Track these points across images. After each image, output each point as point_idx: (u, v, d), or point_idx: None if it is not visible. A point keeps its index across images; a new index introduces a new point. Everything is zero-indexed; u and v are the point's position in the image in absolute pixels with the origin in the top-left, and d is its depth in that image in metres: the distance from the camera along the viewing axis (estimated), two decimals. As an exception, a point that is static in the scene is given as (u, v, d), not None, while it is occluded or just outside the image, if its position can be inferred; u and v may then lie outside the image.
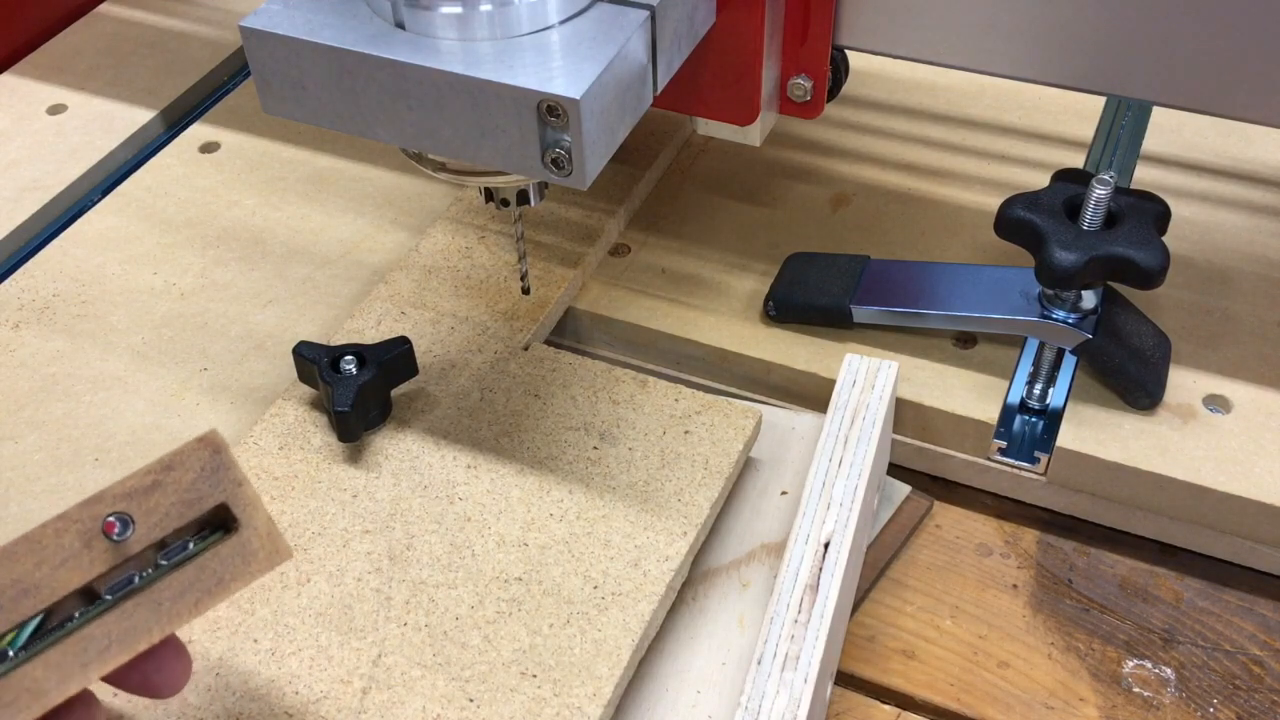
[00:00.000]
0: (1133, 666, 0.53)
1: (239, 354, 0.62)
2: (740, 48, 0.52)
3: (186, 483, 0.36)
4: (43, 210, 0.72)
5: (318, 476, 0.54)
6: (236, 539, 0.37)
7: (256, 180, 0.73)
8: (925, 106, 0.76)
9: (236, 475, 0.37)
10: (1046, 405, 0.58)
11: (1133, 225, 0.54)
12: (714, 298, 0.64)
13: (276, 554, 0.38)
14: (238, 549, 0.37)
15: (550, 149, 0.42)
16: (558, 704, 0.46)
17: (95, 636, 0.35)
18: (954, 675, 0.53)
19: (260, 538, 0.37)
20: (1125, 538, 0.58)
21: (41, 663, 0.34)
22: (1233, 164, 0.71)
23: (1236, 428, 0.56)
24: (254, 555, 0.37)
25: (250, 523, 0.37)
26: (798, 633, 0.47)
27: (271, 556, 0.38)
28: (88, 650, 0.35)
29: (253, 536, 0.37)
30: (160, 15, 0.88)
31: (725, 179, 0.71)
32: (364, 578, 0.50)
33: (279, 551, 0.38)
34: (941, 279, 0.61)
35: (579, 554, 0.50)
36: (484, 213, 0.67)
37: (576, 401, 0.57)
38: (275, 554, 0.38)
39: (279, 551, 0.38)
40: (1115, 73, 0.51)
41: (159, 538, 0.36)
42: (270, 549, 0.38)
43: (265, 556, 0.38)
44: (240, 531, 0.37)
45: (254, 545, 0.37)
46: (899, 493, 0.59)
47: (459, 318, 0.61)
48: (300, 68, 0.44)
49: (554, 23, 0.44)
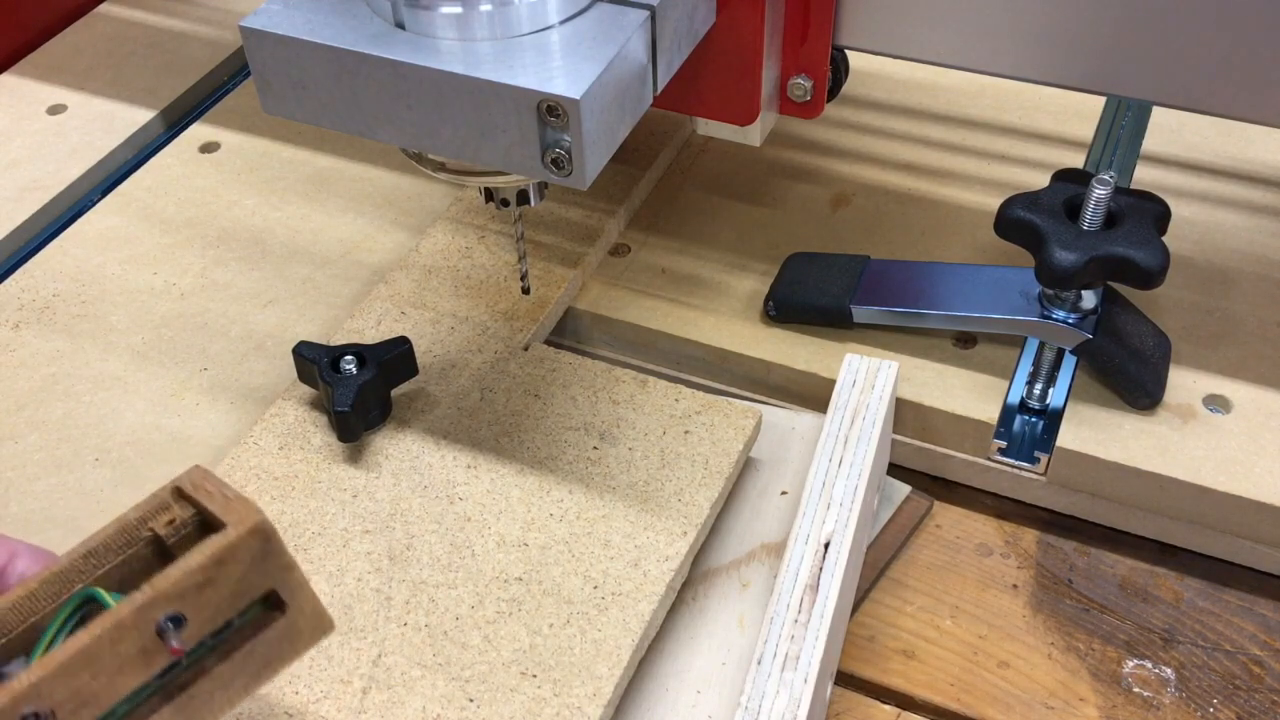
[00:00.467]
0: (1133, 666, 0.53)
1: (239, 354, 0.62)
2: (740, 48, 0.52)
3: (238, 575, 0.35)
4: (43, 210, 0.72)
5: (318, 476, 0.54)
6: (283, 621, 0.37)
7: (256, 180, 0.73)
8: (925, 106, 0.76)
9: (286, 560, 0.36)
10: (1046, 405, 0.58)
11: (1133, 225, 0.54)
12: (714, 298, 0.64)
13: (320, 630, 0.38)
14: (284, 631, 0.37)
15: (550, 149, 0.42)
16: (558, 704, 0.46)
17: None
18: (954, 675, 0.53)
19: (305, 618, 0.37)
20: (1125, 538, 0.58)
21: None
22: (1233, 164, 0.71)
23: (1236, 428, 0.56)
24: (299, 635, 0.37)
25: (296, 604, 0.37)
26: (798, 633, 0.47)
27: (315, 633, 0.38)
28: None
29: (299, 618, 0.37)
30: (160, 15, 0.88)
31: (725, 179, 0.71)
32: (364, 578, 0.50)
33: (323, 627, 0.38)
34: (941, 279, 0.61)
35: (579, 554, 0.50)
36: (484, 213, 0.67)
37: (576, 401, 0.57)
38: (319, 630, 0.38)
39: (323, 627, 0.38)
40: (1115, 73, 0.51)
41: (210, 631, 0.35)
42: (314, 626, 0.38)
43: (310, 634, 0.38)
44: (288, 614, 0.37)
45: (300, 625, 0.37)
46: (899, 493, 0.59)
47: (459, 318, 0.61)
48: (300, 68, 0.44)
49: (554, 23, 0.43)
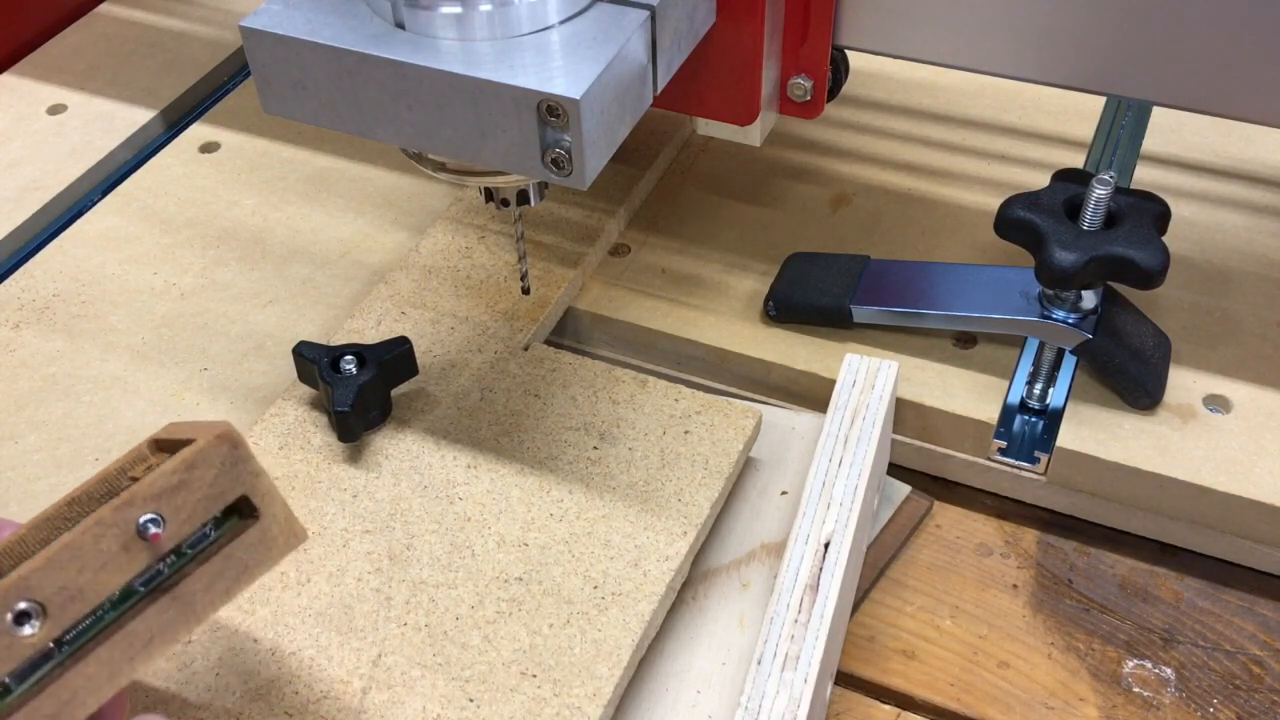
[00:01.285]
0: (1133, 666, 0.53)
1: (239, 354, 0.62)
2: (740, 48, 0.52)
3: (209, 479, 0.37)
4: (43, 210, 0.72)
5: (318, 476, 0.54)
6: (258, 528, 0.38)
7: (256, 180, 0.73)
8: (925, 106, 0.76)
9: (254, 467, 0.38)
10: (1046, 405, 0.58)
11: (1133, 225, 0.54)
12: (714, 298, 0.64)
13: (294, 537, 0.39)
14: (259, 537, 0.38)
15: (550, 149, 0.42)
16: (558, 704, 0.46)
17: (139, 632, 0.36)
18: (954, 675, 0.53)
19: (279, 524, 0.39)
20: (1125, 538, 0.58)
21: (94, 660, 0.36)
22: (1233, 164, 0.71)
23: (1236, 428, 0.56)
24: (274, 541, 0.39)
25: (269, 510, 0.39)
26: (798, 633, 0.47)
27: (289, 540, 0.39)
28: (133, 645, 0.36)
29: (272, 524, 0.39)
30: (160, 15, 0.88)
31: (725, 179, 0.71)
32: (364, 578, 0.50)
33: (296, 535, 0.39)
34: (941, 279, 0.61)
35: (579, 554, 0.50)
36: (484, 213, 0.67)
37: (576, 401, 0.57)
38: (293, 537, 0.39)
39: (296, 535, 0.39)
40: (1115, 73, 0.51)
41: (187, 534, 0.37)
42: (288, 533, 0.39)
43: (284, 541, 0.39)
44: (261, 520, 0.38)
45: (274, 532, 0.39)
46: (899, 493, 0.59)
47: (459, 318, 0.61)
48: (300, 68, 0.44)
49: (554, 23, 0.44)
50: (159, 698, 0.46)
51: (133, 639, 0.36)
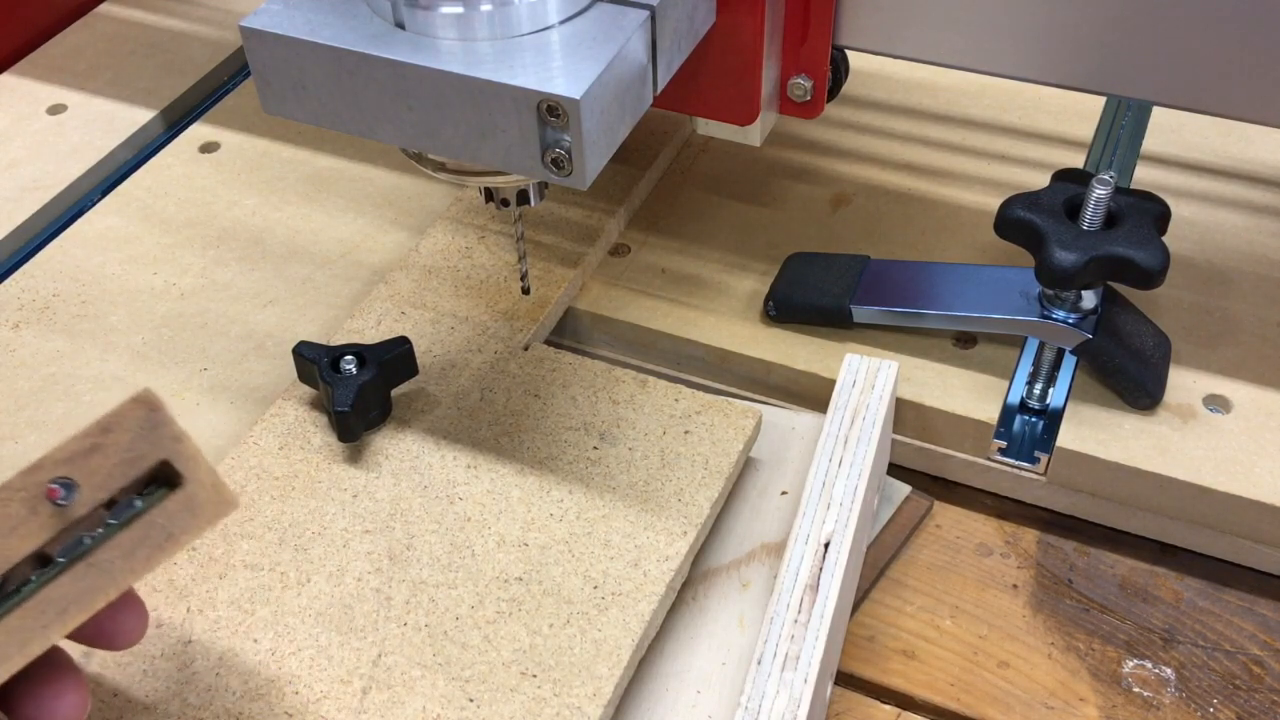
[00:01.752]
0: (1133, 666, 0.53)
1: (239, 354, 0.62)
2: (740, 48, 0.52)
3: (125, 443, 0.36)
4: (43, 210, 0.72)
5: (318, 476, 0.54)
6: (182, 493, 0.37)
7: (256, 180, 0.73)
8: (925, 106, 0.76)
9: (174, 431, 0.37)
10: (1046, 405, 0.58)
11: (1133, 225, 0.54)
12: (714, 298, 0.64)
13: (223, 504, 0.38)
14: (184, 503, 0.37)
15: (550, 149, 0.42)
16: (558, 704, 0.46)
17: (53, 599, 0.36)
18: (954, 675, 0.53)
19: (205, 489, 0.38)
20: (1125, 538, 0.58)
21: (2, 629, 0.35)
22: (1233, 164, 0.71)
23: (1236, 428, 0.56)
24: (201, 508, 0.38)
25: (194, 476, 0.37)
26: (798, 633, 0.47)
27: (218, 507, 0.38)
28: (46, 613, 0.35)
29: (198, 489, 0.38)
30: (160, 15, 0.88)
31: (725, 179, 0.71)
32: (364, 578, 0.50)
33: (225, 501, 0.38)
34: (941, 279, 0.61)
35: (579, 554, 0.50)
36: (484, 213, 0.67)
37: (576, 401, 0.57)
38: (221, 504, 0.38)
39: (225, 501, 0.38)
40: (1115, 73, 0.51)
41: (104, 499, 0.36)
42: (216, 500, 0.38)
43: (212, 508, 0.38)
44: (185, 486, 0.37)
45: (200, 498, 0.38)
46: (899, 493, 0.59)
47: (459, 318, 0.61)
48: (300, 68, 0.44)
49: (554, 22, 0.44)
50: (159, 698, 0.46)
51: (46, 607, 0.35)
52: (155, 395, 0.37)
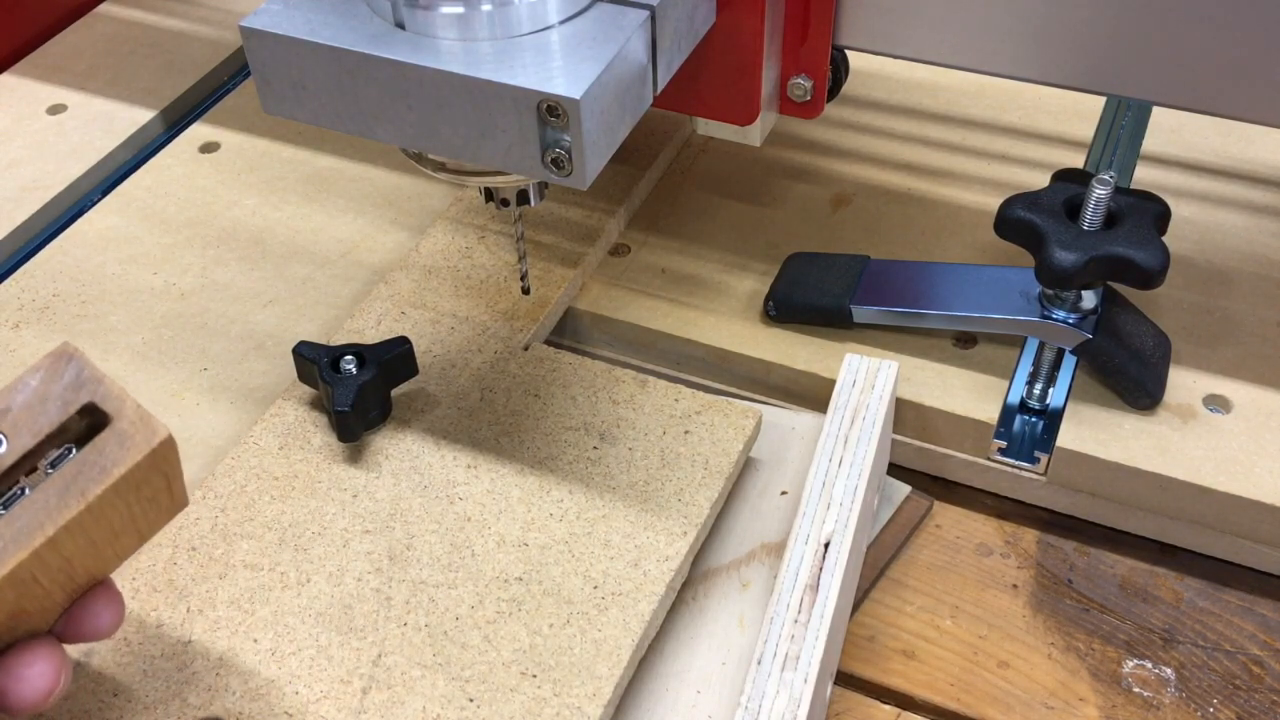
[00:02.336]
0: (1133, 666, 0.53)
1: (239, 354, 0.62)
2: (740, 48, 0.52)
3: (48, 393, 0.38)
4: (43, 210, 0.72)
5: (318, 476, 0.54)
6: (111, 429, 0.38)
7: (256, 180, 0.73)
8: (925, 106, 0.76)
9: (95, 374, 0.39)
10: (1046, 405, 0.58)
11: (1133, 225, 0.54)
12: (714, 298, 0.64)
13: (153, 433, 0.39)
14: (113, 437, 0.38)
15: (550, 149, 0.42)
16: (558, 704, 0.46)
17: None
18: (954, 675, 0.53)
19: (133, 422, 0.38)
20: (1125, 538, 0.58)
21: None
22: (1233, 164, 0.71)
23: (1236, 428, 0.56)
24: (130, 439, 0.38)
25: (120, 412, 0.38)
26: (798, 633, 0.47)
27: (148, 437, 0.39)
28: None
29: (125, 424, 0.38)
30: (160, 15, 0.88)
31: (725, 179, 0.71)
32: (364, 578, 0.50)
33: (154, 431, 0.39)
34: (941, 279, 0.61)
35: (579, 554, 0.50)
36: (484, 213, 0.67)
37: (576, 401, 0.57)
38: (151, 434, 0.39)
39: (154, 431, 0.39)
40: (1115, 73, 0.51)
41: (33, 445, 0.37)
42: (146, 430, 0.39)
43: (142, 438, 0.38)
44: (114, 423, 0.38)
45: (128, 430, 0.38)
46: (899, 493, 0.59)
47: (459, 318, 0.61)
48: (300, 68, 0.44)
49: (554, 23, 0.44)
50: (159, 697, 0.46)
51: None
52: (72, 346, 0.39)
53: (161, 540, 0.51)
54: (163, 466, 0.39)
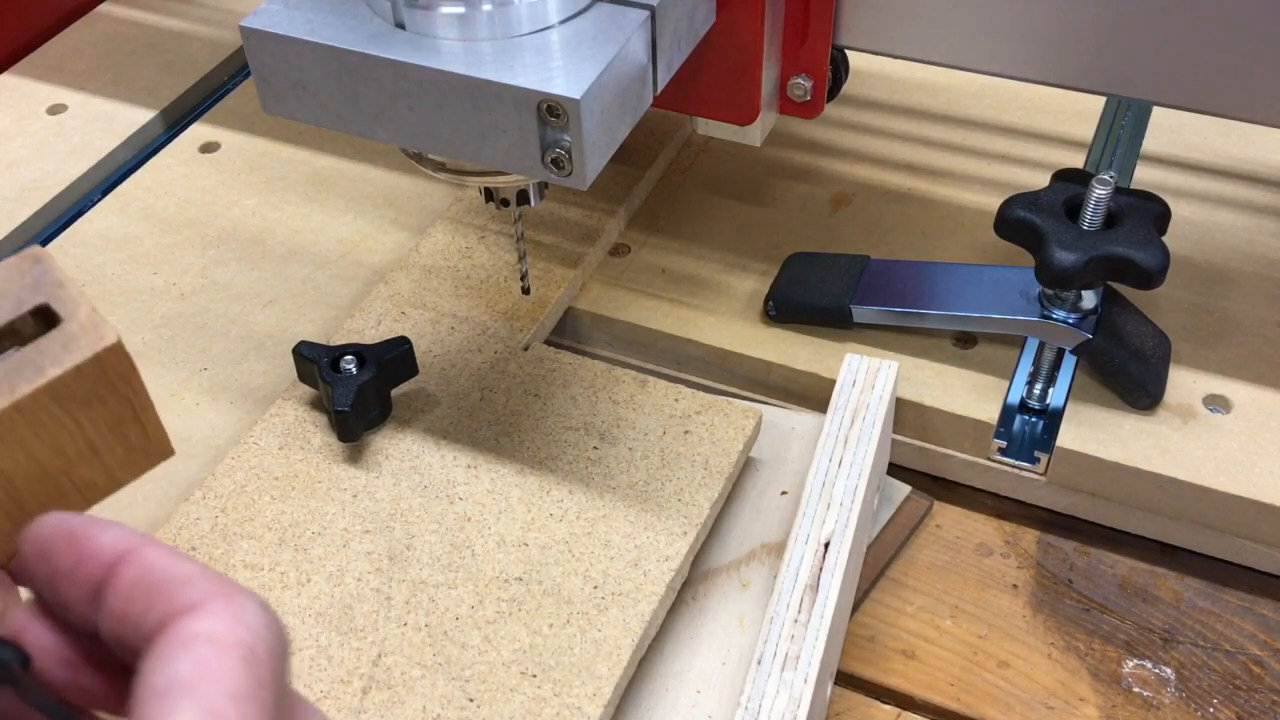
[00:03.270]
0: (1133, 666, 0.53)
1: (239, 354, 0.62)
2: (740, 48, 0.52)
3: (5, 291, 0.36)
4: (43, 210, 0.72)
5: (318, 476, 0.54)
6: (58, 331, 0.37)
7: (256, 180, 0.73)
8: (925, 106, 0.76)
9: (57, 277, 0.37)
10: (1046, 405, 0.58)
11: (1133, 225, 0.54)
12: (714, 298, 0.64)
13: (100, 339, 0.37)
14: (58, 339, 0.36)
15: (550, 149, 0.42)
16: (558, 704, 0.46)
17: None
18: (954, 675, 0.53)
19: (82, 326, 0.37)
20: (1125, 538, 0.58)
21: None
22: (1233, 164, 0.71)
23: (1236, 428, 0.56)
24: (75, 341, 0.36)
25: (73, 316, 0.37)
26: (798, 633, 0.47)
27: (94, 342, 0.37)
28: None
29: (74, 326, 0.37)
30: (160, 15, 0.88)
31: (725, 179, 0.71)
32: (364, 578, 0.50)
33: (102, 336, 0.37)
34: (941, 279, 0.61)
35: (579, 554, 0.50)
36: (484, 213, 0.67)
37: (576, 401, 0.57)
38: (98, 339, 0.37)
39: (102, 336, 0.37)
40: (1115, 73, 0.51)
41: None
42: (93, 335, 0.37)
43: (87, 342, 0.36)
44: (63, 324, 0.37)
45: (75, 333, 0.36)
46: (899, 493, 0.59)
47: (459, 318, 0.61)
48: (300, 68, 0.44)
49: (554, 23, 0.44)
50: (159, 698, 0.46)
51: None
52: (44, 250, 0.37)
53: (161, 540, 0.51)
54: (116, 382, 0.37)
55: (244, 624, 0.27)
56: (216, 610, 0.27)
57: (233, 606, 0.27)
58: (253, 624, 0.27)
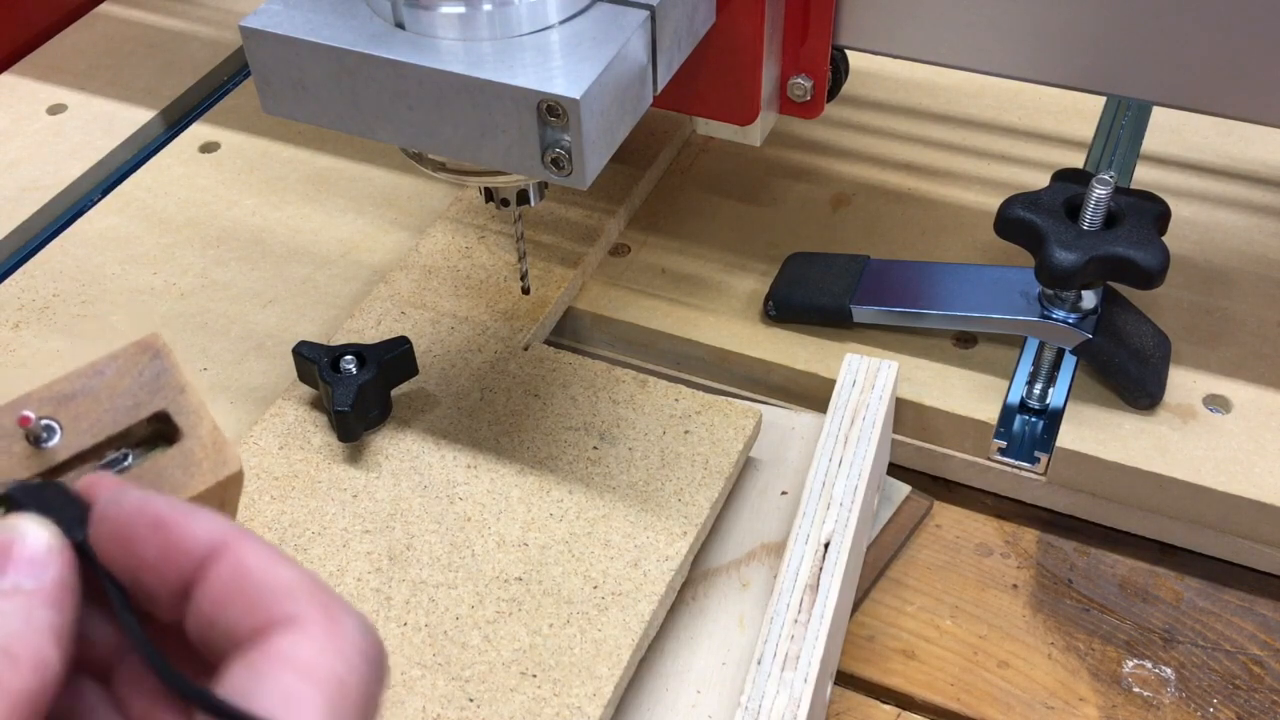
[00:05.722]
0: (1133, 666, 0.53)
1: (239, 354, 0.62)
2: (740, 48, 0.52)
3: (122, 388, 0.33)
4: (43, 210, 0.72)
5: (318, 476, 0.54)
6: (178, 448, 0.34)
7: (256, 180, 0.73)
8: (925, 106, 0.76)
9: (178, 381, 0.34)
10: (1046, 405, 0.58)
11: (1133, 225, 0.54)
12: (714, 298, 0.64)
13: (223, 464, 0.34)
14: (179, 459, 0.34)
15: (550, 149, 0.42)
16: (558, 704, 0.46)
17: None
18: (954, 675, 0.53)
19: (205, 447, 0.34)
20: (1125, 538, 0.58)
21: None
22: (1233, 164, 0.71)
23: (1236, 428, 0.56)
24: (197, 466, 0.34)
25: (194, 432, 0.34)
26: (798, 633, 0.47)
27: (217, 468, 0.34)
28: None
29: (196, 446, 0.34)
30: (160, 15, 0.88)
31: (725, 179, 0.71)
32: (364, 578, 0.50)
33: (226, 462, 0.34)
34: (941, 279, 0.61)
35: (579, 554, 0.50)
36: (484, 213, 0.67)
37: (576, 401, 0.57)
38: (222, 465, 0.34)
39: (226, 462, 0.34)
40: (1115, 73, 0.51)
41: (90, 445, 0.33)
42: (216, 459, 0.34)
43: (210, 467, 0.34)
44: (183, 441, 0.34)
45: (198, 455, 0.34)
46: (899, 493, 0.59)
47: (459, 318, 0.61)
48: (300, 68, 0.44)
49: (554, 22, 0.44)
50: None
51: None
52: (161, 340, 0.34)
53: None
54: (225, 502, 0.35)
55: (340, 652, 0.25)
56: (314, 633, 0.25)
57: (333, 629, 0.25)
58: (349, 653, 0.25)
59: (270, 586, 0.25)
